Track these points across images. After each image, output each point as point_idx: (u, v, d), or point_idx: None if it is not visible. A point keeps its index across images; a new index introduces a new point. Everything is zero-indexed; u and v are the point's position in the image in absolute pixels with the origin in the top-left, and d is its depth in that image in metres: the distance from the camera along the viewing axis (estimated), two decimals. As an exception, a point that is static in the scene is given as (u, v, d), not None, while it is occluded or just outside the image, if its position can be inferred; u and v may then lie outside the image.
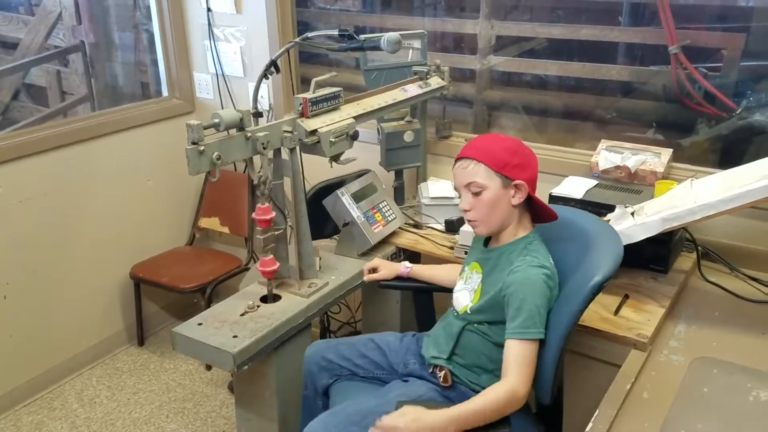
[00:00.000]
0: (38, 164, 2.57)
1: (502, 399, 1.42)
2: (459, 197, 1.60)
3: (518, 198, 1.53)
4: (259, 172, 1.76)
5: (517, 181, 1.52)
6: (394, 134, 2.34)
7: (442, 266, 1.95)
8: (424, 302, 1.97)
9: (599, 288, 1.43)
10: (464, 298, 1.63)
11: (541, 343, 1.47)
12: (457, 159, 1.57)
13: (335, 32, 1.95)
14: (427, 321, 1.97)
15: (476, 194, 1.53)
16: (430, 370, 1.64)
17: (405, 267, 1.93)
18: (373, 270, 1.94)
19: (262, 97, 2.86)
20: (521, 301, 1.47)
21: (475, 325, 1.58)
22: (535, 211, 1.60)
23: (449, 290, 1.87)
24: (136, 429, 2.53)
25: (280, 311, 1.84)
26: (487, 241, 1.67)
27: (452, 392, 1.60)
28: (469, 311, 1.59)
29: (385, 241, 2.20)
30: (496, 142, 1.56)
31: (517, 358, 1.44)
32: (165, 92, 3.12)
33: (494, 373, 1.56)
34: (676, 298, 1.86)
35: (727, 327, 1.73)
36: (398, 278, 1.94)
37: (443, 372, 1.61)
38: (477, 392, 1.55)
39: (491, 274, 1.59)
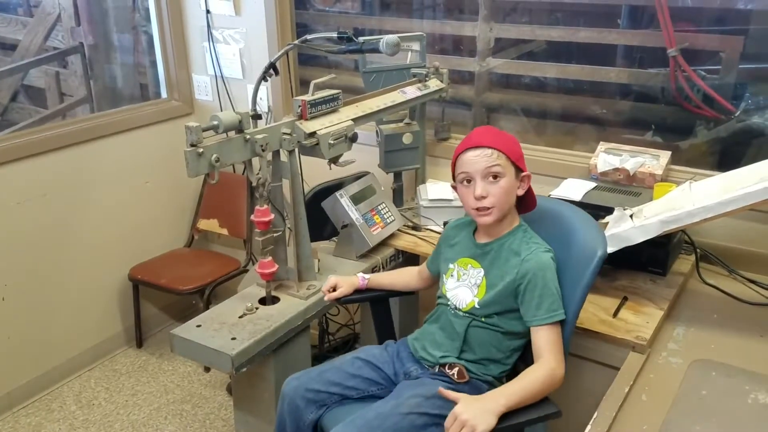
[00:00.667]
0: (37, 166, 2.57)
1: (541, 379, 1.45)
2: (466, 185, 1.57)
3: (522, 189, 1.60)
4: (258, 174, 1.76)
5: (526, 173, 1.60)
6: (392, 136, 2.34)
7: (399, 271, 1.95)
8: (381, 311, 1.92)
9: (604, 260, 1.53)
10: (465, 295, 1.62)
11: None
12: (471, 147, 1.56)
13: (334, 35, 1.95)
14: (386, 329, 1.93)
15: (494, 181, 1.54)
16: (436, 370, 1.63)
17: (362, 279, 1.88)
18: (333, 289, 1.86)
19: (261, 99, 2.86)
20: (543, 287, 1.52)
21: (483, 319, 1.59)
22: (519, 201, 1.65)
23: (408, 293, 1.93)
24: (135, 431, 2.52)
25: (279, 313, 1.84)
26: (471, 236, 1.69)
27: (466, 386, 1.59)
28: (477, 306, 1.59)
29: (383, 243, 2.20)
30: (504, 135, 1.61)
31: (550, 342, 1.50)
32: (164, 94, 3.12)
33: (502, 361, 1.61)
34: (675, 300, 1.86)
35: (725, 329, 1.73)
36: (357, 291, 1.87)
37: (457, 368, 1.60)
38: (489, 382, 1.59)
39: (494, 266, 1.60)
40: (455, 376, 1.60)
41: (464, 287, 1.64)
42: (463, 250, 1.69)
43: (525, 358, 1.64)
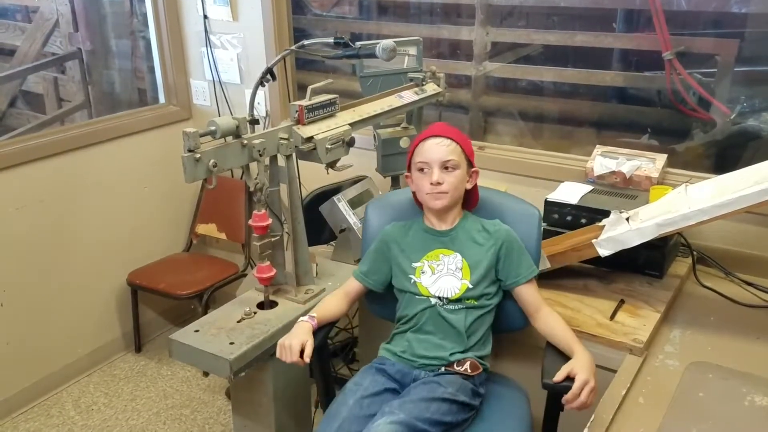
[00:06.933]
0: (35, 171, 2.57)
1: (565, 323, 1.62)
2: (422, 173, 1.66)
3: (471, 183, 1.71)
4: (256, 178, 1.77)
5: (475, 168, 1.71)
6: (390, 140, 2.34)
7: (327, 300, 1.81)
8: (325, 357, 1.79)
9: (541, 217, 1.77)
10: (450, 282, 1.64)
11: None
12: (433, 136, 1.67)
13: (331, 40, 1.96)
14: (329, 377, 1.84)
15: (449, 171, 1.64)
16: (443, 370, 1.60)
17: (311, 320, 1.69)
18: (301, 351, 1.60)
19: (258, 103, 2.87)
20: (519, 249, 1.67)
21: (475, 302, 1.63)
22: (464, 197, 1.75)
23: (335, 323, 1.83)
24: (134, 436, 2.53)
25: (277, 318, 1.84)
26: (426, 230, 1.73)
27: (476, 377, 1.60)
28: (470, 286, 1.62)
29: (381, 247, 2.20)
30: (460, 131, 1.71)
31: (538, 293, 1.67)
32: (162, 99, 3.13)
33: (490, 340, 1.69)
34: (672, 302, 1.87)
35: (722, 332, 1.74)
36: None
37: (468, 362, 1.60)
38: (485, 369, 1.63)
39: (468, 247, 1.68)
40: (468, 370, 1.59)
41: (446, 276, 1.65)
42: (427, 245, 1.70)
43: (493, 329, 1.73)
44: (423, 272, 1.68)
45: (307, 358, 1.58)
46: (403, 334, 1.69)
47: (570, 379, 1.44)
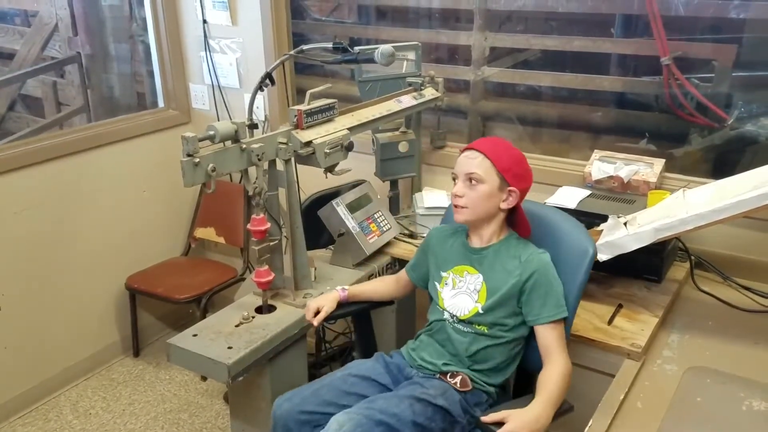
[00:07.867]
0: (34, 175, 2.57)
1: (565, 378, 1.51)
2: (454, 183, 1.64)
3: (508, 203, 1.62)
4: (255, 183, 1.77)
5: (512, 188, 1.60)
6: (388, 145, 2.35)
7: (376, 280, 1.95)
8: (364, 324, 1.90)
9: (594, 259, 1.61)
10: (465, 302, 1.63)
11: None
12: (467, 149, 1.63)
13: (330, 45, 1.96)
14: (370, 343, 1.92)
15: (472, 185, 1.59)
16: (437, 377, 1.62)
17: (342, 291, 1.84)
18: (317, 312, 1.79)
19: (257, 108, 2.87)
20: (547, 286, 1.57)
21: (486, 329, 1.60)
22: (512, 221, 1.69)
23: (387, 303, 1.92)
24: (131, 440, 2.52)
25: (275, 322, 1.84)
26: (463, 243, 1.71)
27: (468, 394, 1.60)
28: (480, 311, 1.60)
29: (380, 252, 2.21)
30: (507, 148, 1.64)
31: (559, 339, 1.55)
32: (161, 103, 3.13)
33: (505, 371, 1.63)
34: (670, 307, 1.87)
35: (720, 336, 1.74)
36: (339, 304, 1.83)
37: (460, 377, 1.60)
38: (487, 392, 1.61)
39: (493, 270, 1.62)
40: (458, 385, 1.60)
41: (463, 294, 1.64)
42: (459, 258, 1.69)
43: (522, 362, 1.67)
44: (446, 284, 1.69)
45: (316, 321, 1.75)
46: (421, 335, 1.74)
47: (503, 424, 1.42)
